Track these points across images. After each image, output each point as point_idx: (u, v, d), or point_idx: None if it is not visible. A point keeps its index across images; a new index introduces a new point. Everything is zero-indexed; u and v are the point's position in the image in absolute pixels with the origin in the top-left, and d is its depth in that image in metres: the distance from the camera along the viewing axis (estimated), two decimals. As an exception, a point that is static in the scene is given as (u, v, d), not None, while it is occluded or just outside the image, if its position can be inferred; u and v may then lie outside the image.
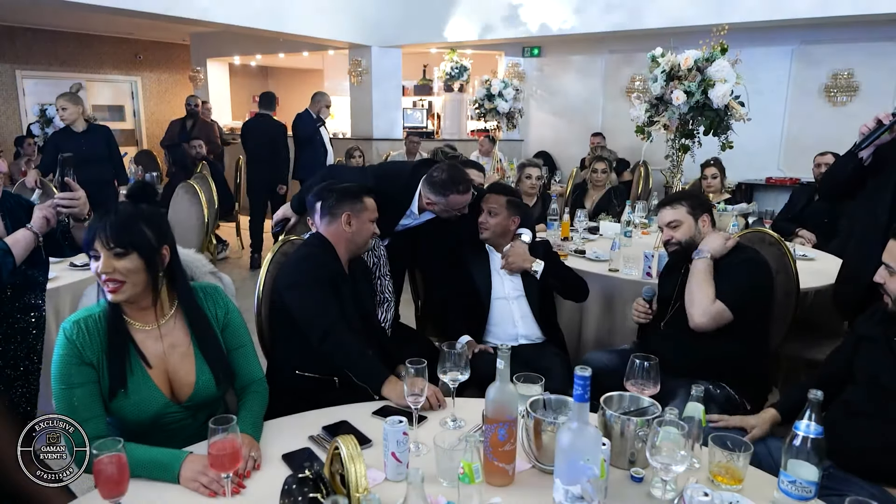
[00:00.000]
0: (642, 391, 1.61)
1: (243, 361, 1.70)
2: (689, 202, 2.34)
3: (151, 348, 1.57)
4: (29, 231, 1.86)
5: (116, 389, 1.50)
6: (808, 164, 4.87)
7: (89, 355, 1.48)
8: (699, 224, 2.32)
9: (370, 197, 2.19)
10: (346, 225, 2.12)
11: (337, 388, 2.01)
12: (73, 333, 1.48)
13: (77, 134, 4.75)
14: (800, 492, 1.27)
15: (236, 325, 1.70)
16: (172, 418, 1.58)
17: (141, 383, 1.53)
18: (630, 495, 1.38)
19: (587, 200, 4.96)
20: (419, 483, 1.09)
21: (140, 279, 1.51)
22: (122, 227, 1.47)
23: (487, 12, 7.50)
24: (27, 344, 2.05)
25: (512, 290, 2.64)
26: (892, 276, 1.65)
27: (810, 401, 1.29)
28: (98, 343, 1.50)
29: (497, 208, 2.59)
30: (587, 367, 1.18)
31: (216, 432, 1.24)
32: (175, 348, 1.59)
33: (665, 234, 2.37)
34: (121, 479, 1.16)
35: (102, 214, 1.50)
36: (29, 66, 9.73)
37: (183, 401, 1.59)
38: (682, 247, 2.32)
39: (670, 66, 3.21)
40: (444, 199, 2.50)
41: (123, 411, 1.52)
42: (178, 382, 1.59)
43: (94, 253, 1.47)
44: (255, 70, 12.34)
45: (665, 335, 2.33)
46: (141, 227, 1.50)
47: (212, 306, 1.68)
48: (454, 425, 1.67)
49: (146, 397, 1.53)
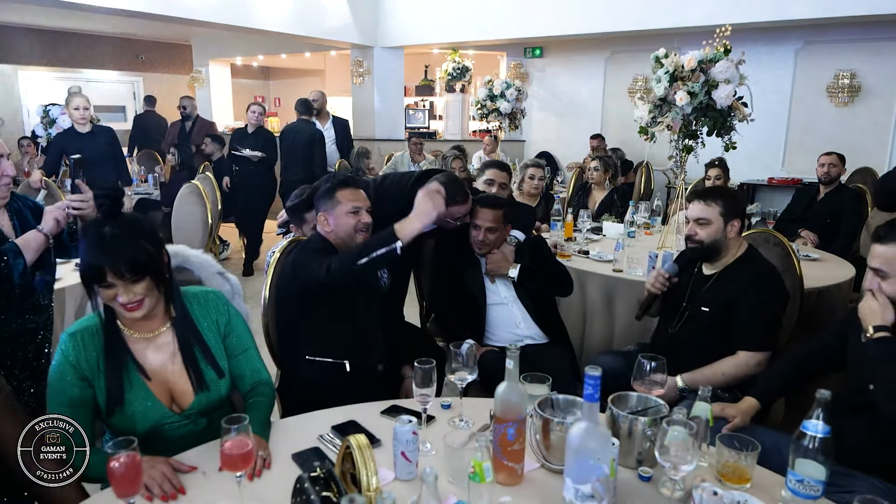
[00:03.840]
0: (650, 391, 1.62)
1: (248, 364, 1.69)
2: (724, 203, 2.20)
3: (151, 358, 1.55)
4: (40, 233, 1.87)
5: (113, 407, 1.48)
6: (810, 164, 4.88)
7: (83, 370, 1.47)
8: (727, 229, 2.20)
9: (345, 188, 2.18)
10: (325, 225, 2.17)
11: (347, 373, 2.04)
12: (69, 347, 1.47)
13: (81, 135, 4.75)
14: (808, 491, 1.28)
15: (239, 331, 1.69)
16: (173, 426, 1.56)
17: (139, 395, 1.51)
18: (638, 494, 1.39)
19: (590, 201, 4.97)
20: (433, 482, 1.10)
21: (155, 292, 1.50)
22: (132, 254, 1.42)
23: (489, 13, 7.50)
24: (35, 344, 2.07)
25: (507, 295, 2.65)
26: (884, 279, 1.65)
27: (818, 400, 1.29)
28: (95, 356, 1.49)
29: (495, 225, 2.56)
30: (598, 367, 1.19)
31: (229, 432, 1.25)
32: (175, 357, 1.57)
33: (689, 229, 2.26)
34: (135, 478, 1.17)
35: (96, 243, 1.42)
36: (30, 67, 9.73)
37: (184, 409, 1.57)
38: (703, 247, 2.23)
39: (674, 67, 3.22)
40: (444, 211, 2.51)
41: (121, 424, 1.50)
42: (178, 391, 1.57)
43: (106, 284, 1.42)
44: (256, 70, 12.36)
45: (675, 340, 2.30)
46: (144, 246, 1.45)
47: (213, 313, 1.65)
48: (463, 425, 1.67)
49: (144, 409, 1.51)
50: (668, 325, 2.35)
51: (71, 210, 1.91)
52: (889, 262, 1.63)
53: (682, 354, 2.15)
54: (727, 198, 2.24)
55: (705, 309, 2.22)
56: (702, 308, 2.23)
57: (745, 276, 2.18)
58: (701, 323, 2.24)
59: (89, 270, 1.42)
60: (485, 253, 2.62)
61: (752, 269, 2.20)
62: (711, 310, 2.21)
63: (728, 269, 2.24)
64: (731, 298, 2.16)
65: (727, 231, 2.20)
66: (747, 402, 1.86)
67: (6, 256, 1.82)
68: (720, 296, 2.20)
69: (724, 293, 2.19)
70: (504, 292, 2.65)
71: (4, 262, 1.81)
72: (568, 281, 2.72)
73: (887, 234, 1.65)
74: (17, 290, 1.95)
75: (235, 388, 1.70)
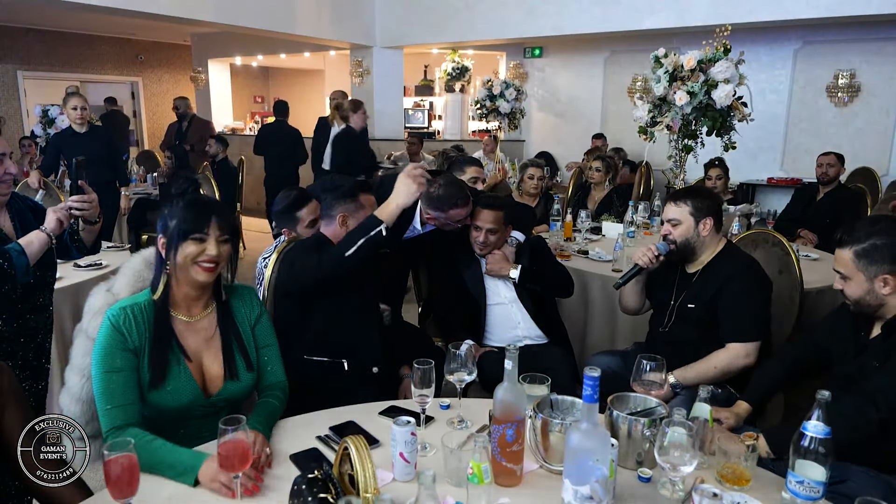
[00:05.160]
0: (649, 392, 1.61)
1: (269, 360, 1.73)
2: (693, 203, 2.24)
3: (190, 340, 1.60)
4: (43, 233, 1.87)
5: (157, 382, 1.53)
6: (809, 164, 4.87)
7: (133, 341, 1.51)
8: (699, 227, 2.23)
9: (368, 193, 2.20)
10: (342, 226, 2.15)
11: (345, 371, 2.03)
12: (120, 319, 1.51)
13: (79, 135, 4.75)
14: (808, 492, 1.27)
15: (265, 325, 1.75)
16: (199, 412, 1.60)
17: (179, 374, 1.56)
18: (638, 496, 1.39)
19: (589, 201, 4.96)
20: (431, 484, 1.09)
21: (224, 265, 1.61)
22: (231, 216, 1.60)
23: (489, 13, 7.50)
24: (36, 344, 2.06)
25: (507, 295, 2.65)
26: (845, 281, 1.73)
27: (818, 401, 1.29)
28: (143, 331, 1.53)
29: (496, 226, 2.56)
30: (596, 368, 1.18)
31: (225, 432, 1.24)
32: (210, 342, 1.63)
33: (664, 229, 2.32)
34: (131, 480, 1.16)
35: (204, 200, 1.62)
36: (30, 67, 9.73)
37: (212, 395, 1.61)
38: (677, 248, 2.26)
39: (673, 67, 3.22)
40: (444, 214, 2.50)
41: (159, 400, 1.54)
42: (210, 376, 1.62)
43: (200, 237, 1.53)
44: (256, 71, 12.35)
45: (668, 340, 2.32)
46: (235, 217, 1.61)
47: (247, 304, 1.72)
48: (461, 426, 1.67)
49: (181, 387, 1.56)
50: (659, 325, 2.37)
51: (73, 211, 1.91)
52: (846, 265, 1.71)
53: (674, 352, 2.17)
54: (697, 197, 2.27)
55: (691, 306, 2.26)
56: (688, 305, 2.27)
57: (726, 270, 2.22)
58: (689, 320, 2.27)
59: (199, 218, 1.53)
60: (485, 254, 2.62)
61: (731, 263, 2.25)
62: (697, 306, 2.25)
63: (709, 266, 2.27)
64: (714, 293, 2.20)
65: (699, 229, 2.23)
66: (740, 406, 1.90)
67: (9, 256, 1.82)
68: (704, 292, 2.24)
69: (707, 290, 2.23)
70: (504, 292, 2.65)
71: (7, 261, 1.81)
72: (569, 282, 2.72)
73: (844, 239, 1.73)
74: (19, 290, 1.95)
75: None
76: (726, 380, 2.18)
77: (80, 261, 3.05)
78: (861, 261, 1.68)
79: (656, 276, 2.38)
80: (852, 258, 1.70)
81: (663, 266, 2.33)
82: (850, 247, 1.71)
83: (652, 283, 2.43)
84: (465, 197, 2.49)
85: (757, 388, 1.97)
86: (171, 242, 1.54)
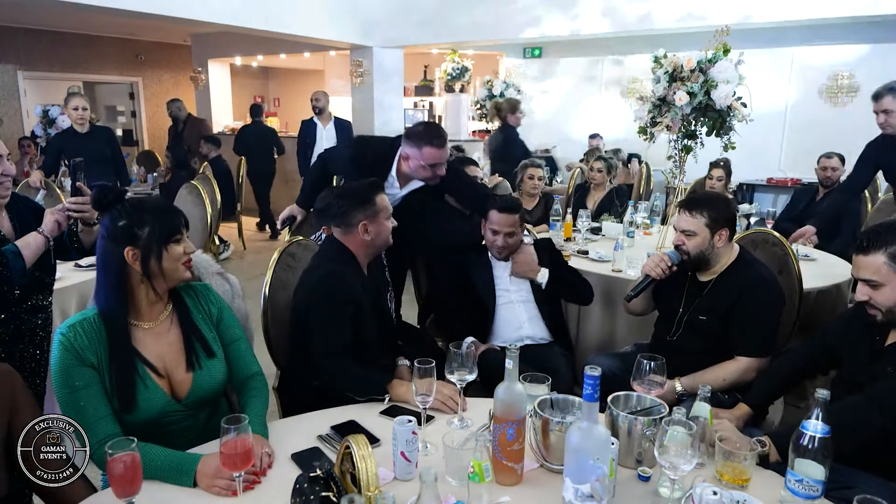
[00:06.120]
0: (649, 392, 1.62)
1: (238, 356, 1.72)
2: (710, 214, 2.14)
3: (152, 347, 1.58)
4: (40, 235, 1.87)
5: (129, 408, 1.49)
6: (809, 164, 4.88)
7: (89, 357, 1.48)
8: (714, 238, 2.15)
9: (381, 192, 2.13)
10: (365, 234, 2.07)
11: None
12: (71, 337, 1.47)
13: (80, 135, 4.75)
14: (807, 491, 1.28)
15: (229, 321, 1.73)
16: (173, 418, 1.58)
17: (146, 389, 1.53)
18: (638, 494, 1.39)
19: (589, 201, 4.96)
20: (433, 482, 1.10)
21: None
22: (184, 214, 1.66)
23: (488, 13, 7.50)
24: (34, 344, 2.07)
25: (518, 295, 2.66)
26: (875, 289, 1.63)
27: (817, 400, 1.30)
28: (97, 344, 1.50)
29: (513, 229, 2.58)
30: (597, 368, 1.19)
31: (228, 432, 1.25)
32: (172, 346, 1.61)
33: (676, 238, 2.24)
34: (134, 478, 1.17)
35: (167, 206, 1.66)
36: (30, 67, 9.72)
37: (182, 398, 1.59)
38: (690, 259, 2.20)
39: (673, 67, 3.22)
40: (419, 151, 2.54)
41: (132, 419, 1.51)
42: (176, 381, 1.59)
43: (179, 237, 1.59)
44: (256, 71, 12.34)
45: (675, 348, 2.26)
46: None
47: (204, 304, 1.71)
48: (461, 425, 1.68)
49: (149, 397, 1.53)
50: (667, 334, 2.32)
51: (70, 212, 1.91)
52: (878, 271, 1.61)
53: (681, 362, 2.12)
54: (714, 207, 2.18)
55: (703, 318, 2.20)
56: (700, 317, 2.21)
57: (741, 282, 2.15)
58: (699, 331, 2.21)
59: (174, 218, 1.60)
60: (505, 256, 2.63)
61: (747, 274, 2.17)
62: (709, 318, 2.18)
63: (723, 277, 2.21)
64: (729, 307, 2.14)
65: (714, 241, 2.16)
66: (741, 409, 1.89)
67: (5, 258, 1.82)
68: (717, 305, 2.17)
69: (721, 302, 2.16)
70: (516, 292, 2.66)
71: (4, 263, 1.81)
72: (588, 287, 2.73)
73: (871, 243, 1.62)
74: (17, 291, 1.95)
75: (231, 384, 1.72)
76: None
77: (81, 261, 3.05)
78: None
79: (665, 280, 2.30)
80: (887, 261, 1.59)
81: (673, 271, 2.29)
82: (882, 250, 1.59)
83: (660, 286, 2.35)
84: (441, 139, 2.55)
85: (760, 391, 1.95)
86: (149, 250, 1.52)
